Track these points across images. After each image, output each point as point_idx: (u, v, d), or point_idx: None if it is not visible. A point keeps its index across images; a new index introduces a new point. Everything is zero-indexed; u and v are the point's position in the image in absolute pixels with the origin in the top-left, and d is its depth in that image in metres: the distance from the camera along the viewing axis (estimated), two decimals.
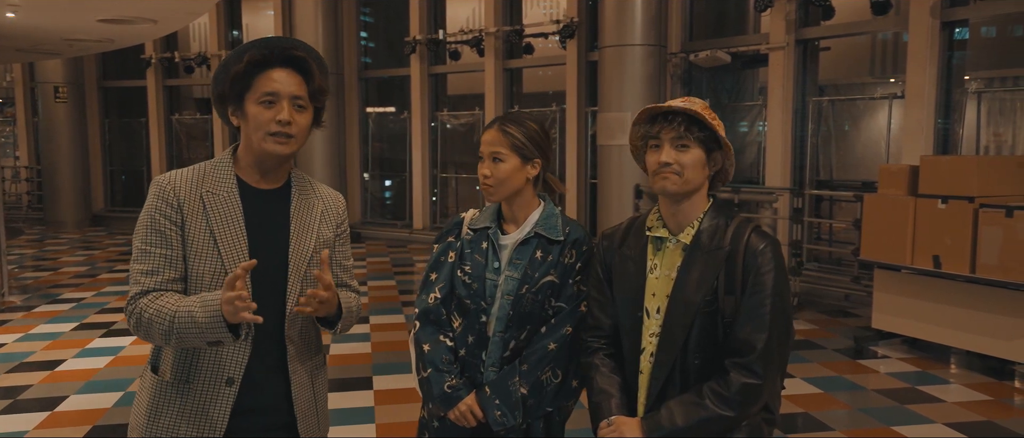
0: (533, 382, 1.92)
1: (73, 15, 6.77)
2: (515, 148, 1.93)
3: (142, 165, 13.05)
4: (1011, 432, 3.90)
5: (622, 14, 7.69)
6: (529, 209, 2.00)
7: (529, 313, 1.94)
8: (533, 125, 1.97)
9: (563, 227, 1.98)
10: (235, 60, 1.68)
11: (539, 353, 1.93)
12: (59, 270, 8.62)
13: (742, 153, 8.48)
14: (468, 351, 1.98)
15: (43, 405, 4.27)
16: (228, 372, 1.68)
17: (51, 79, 12.10)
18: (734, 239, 1.75)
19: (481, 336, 1.97)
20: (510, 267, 1.96)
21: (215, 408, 1.67)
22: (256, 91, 1.67)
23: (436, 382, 1.96)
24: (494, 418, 1.91)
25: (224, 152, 1.78)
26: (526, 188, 1.98)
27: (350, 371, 4.82)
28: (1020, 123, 7.93)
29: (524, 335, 1.96)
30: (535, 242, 1.96)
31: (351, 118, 11.37)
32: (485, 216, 2.04)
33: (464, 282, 1.98)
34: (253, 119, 1.68)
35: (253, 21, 12.34)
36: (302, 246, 1.76)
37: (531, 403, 1.92)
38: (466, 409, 1.94)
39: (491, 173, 1.94)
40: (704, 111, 1.75)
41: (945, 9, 6.32)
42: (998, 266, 4.50)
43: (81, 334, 5.81)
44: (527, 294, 1.93)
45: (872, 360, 5.16)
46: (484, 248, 1.99)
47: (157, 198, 1.68)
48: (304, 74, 1.71)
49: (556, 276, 1.95)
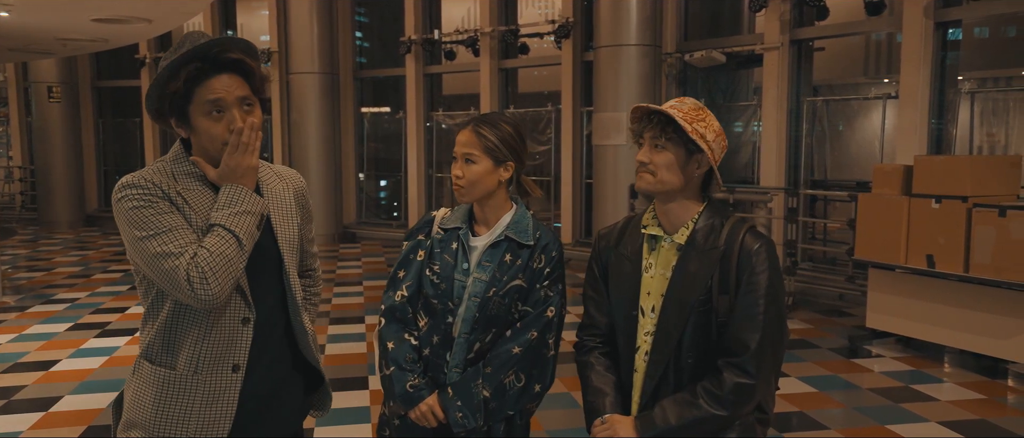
0: (496, 385, 1.91)
1: (67, 14, 6.75)
2: (488, 150, 1.92)
3: (136, 165, 13.00)
4: (1004, 430, 3.92)
5: (617, 14, 7.70)
6: (501, 211, 1.99)
7: (495, 316, 1.93)
8: (508, 127, 1.96)
9: (534, 231, 1.98)
10: (170, 77, 1.62)
11: (503, 356, 1.92)
12: (53, 270, 8.59)
13: (737, 153, 8.50)
14: (432, 351, 1.97)
15: (37, 406, 4.26)
16: (233, 359, 1.67)
17: (45, 79, 12.06)
18: (729, 239, 1.75)
19: (446, 337, 1.96)
20: (479, 269, 1.95)
21: (223, 396, 1.67)
22: (199, 102, 1.62)
23: (398, 380, 1.95)
24: (455, 420, 1.90)
25: (172, 153, 1.72)
26: (498, 190, 1.97)
27: (345, 371, 4.82)
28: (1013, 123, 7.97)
29: (489, 338, 1.95)
30: (505, 245, 1.96)
31: (346, 118, 11.35)
32: (456, 216, 2.03)
33: (432, 281, 1.97)
34: (205, 133, 1.64)
35: (247, 21, 12.32)
36: (289, 232, 1.77)
37: (493, 406, 1.91)
38: (427, 409, 1.93)
39: (463, 174, 1.93)
40: (689, 112, 1.74)
41: (938, 9, 6.35)
42: (991, 265, 4.52)
43: (75, 334, 5.79)
44: (494, 297, 1.92)
45: (866, 359, 5.18)
46: (454, 248, 1.98)
47: (142, 190, 1.62)
48: (243, 74, 1.67)
49: (524, 280, 1.94)
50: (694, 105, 1.77)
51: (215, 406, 1.66)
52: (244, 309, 1.68)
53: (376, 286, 7.71)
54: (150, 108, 1.68)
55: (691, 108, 1.76)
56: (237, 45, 1.66)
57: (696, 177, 1.78)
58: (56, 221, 12.41)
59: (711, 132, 1.75)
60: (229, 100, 1.63)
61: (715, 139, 1.75)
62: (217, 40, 1.64)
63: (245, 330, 1.68)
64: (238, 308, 1.67)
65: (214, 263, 1.55)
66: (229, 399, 1.67)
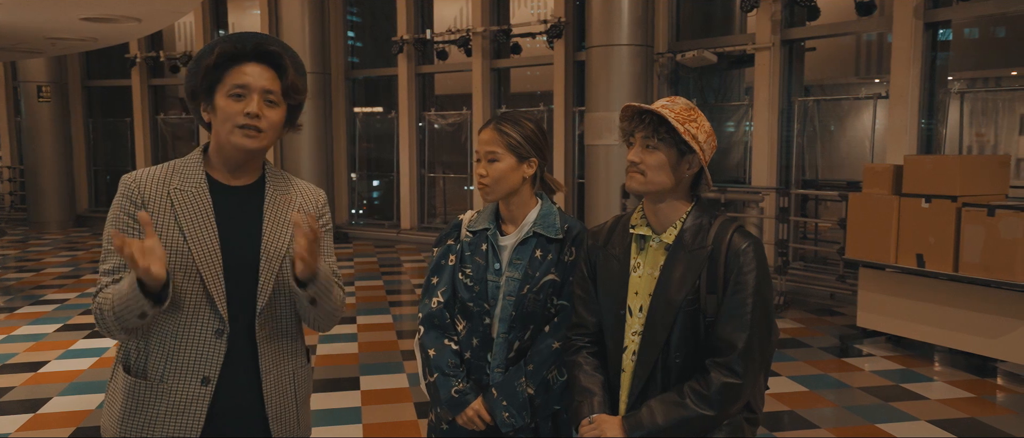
0: (539, 381, 1.93)
1: (56, 13, 6.71)
2: (511, 147, 1.93)
3: (127, 165, 12.94)
4: (993, 429, 3.94)
5: (609, 14, 7.70)
6: (527, 208, 2.00)
7: (532, 313, 1.94)
8: (529, 124, 1.97)
9: (562, 225, 1.98)
10: (206, 54, 1.65)
11: (544, 352, 1.94)
12: (42, 271, 8.54)
13: (728, 153, 8.52)
14: (473, 353, 1.99)
15: (26, 407, 4.23)
16: (203, 371, 1.65)
17: (34, 78, 11.98)
18: (716, 238, 1.75)
19: (485, 338, 1.97)
20: (510, 268, 1.96)
21: (190, 408, 1.64)
22: (227, 84, 1.64)
23: (443, 387, 1.97)
24: (502, 420, 1.92)
25: (195, 150, 1.75)
26: (523, 187, 1.97)
27: (337, 371, 4.81)
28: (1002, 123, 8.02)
29: (528, 335, 1.96)
30: (534, 241, 1.96)
31: (338, 118, 11.33)
32: (483, 217, 2.04)
33: (466, 285, 1.98)
34: (222, 111, 1.64)
35: (239, 20, 12.26)
36: (276, 241, 1.71)
37: (538, 402, 1.93)
38: (474, 414, 1.95)
39: (487, 172, 1.94)
40: (681, 112, 1.73)
41: (928, 10, 6.38)
42: (980, 265, 4.55)
43: (65, 335, 5.76)
44: (529, 294, 1.93)
45: (857, 358, 5.19)
46: (484, 250, 1.99)
47: (121, 197, 1.65)
48: (277, 69, 1.68)
49: (557, 274, 1.95)
50: (686, 105, 1.77)
51: (182, 417, 1.64)
52: (217, 322, 1.65)
53: (369, 286, 7.70)
54: (187, 85, 1.70)
55: (683, 108, 1.75)
56: (280, 44, 1.70)
57: (686, 177, 1.78)
58: (46, 221, 12.33)
59: (703, 133, 1.74)
60: (254, 86, 1.64)
61: (706, 140, 1.75)
62: (261, 34, 1.69)
63: (218, 343, 1.65)
64: (211, 320, 1.64)
65: (100, 310, 1.61)
66: (197, 411, 1.64)
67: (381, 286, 7.75)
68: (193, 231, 1.64)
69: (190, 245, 1.63)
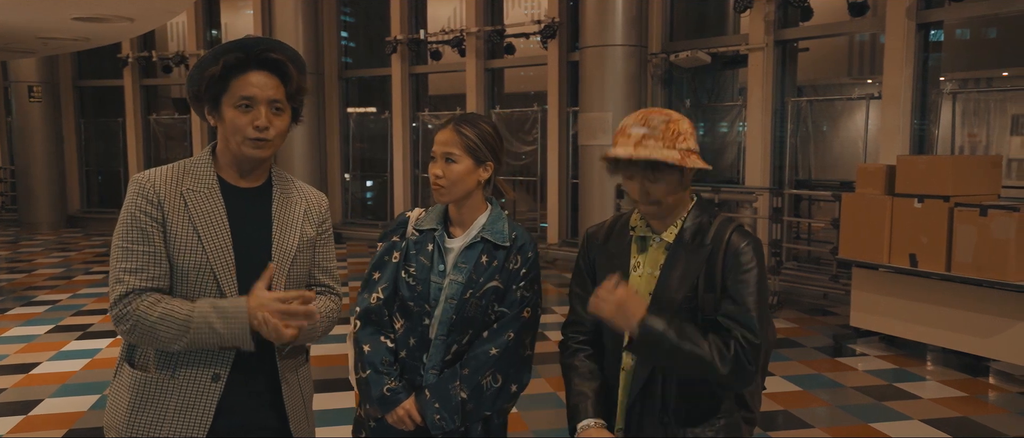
0: (474, 386, 1.90)
1: (47, 13, 6.67)
2: (469, 150, 1.91)
3: (119, 166, 12.89)
4: (985, 427, 3.96)
5: (603, 15, 7.71)
6: (477, 213, 1.98)
7: (472, 317, 1.93)
8: (487, 127, 1.95)
9: (509, 232, 1.97)
10: (211, 62, 1.66)
11: (481, 357, 1.91)
12: (34, 272, 8.49)
13: (722, 153, 8.54)
14: (409, 353, 1.96)
15: (17, 409, 4.20)
16: (214, 368, 1.66)
17: (25, 78, 11.92)
18: (716, 237, 1.74)
19: (423, 339, 1.95)
20: (455, 271, 1.94)
21: (199, 405, 1.65)
22: (233, 94, 1.65)
23: (375, 384, 1.94)
24: (433, 421, 1.90)
25: (203, 151, 1.76)
26: (476, 191, 1.96)
27: (332, 372, 4.79)
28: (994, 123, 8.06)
29: (466, 339, 1.94)
30: (481, 247, 1.95)
31: (332, 118, 11.30)
32: (431, 217, 2.02)
33: (408, 283, 1.96)
34: (230, 123, 1.66)
35: (232, 20, 12.22)
36: (285, 244, 1.75)
37: (471, 407, 1.91)
38: (404, 413, 1.92)
39: (443, 173, 1.91)
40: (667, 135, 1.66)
41: (921, 11, 6.41)
42: (972, 264, 4.57)
43: (56, 337, 5.72)
44: (471, 299, 1.91)
45: (851, 358, 5.21)
46: (429, 250, 1.97)
47: (137, 196, 1.66)
48: (281, 76, 1.70)
49: (500, 281, 1.93)
50: (663, 121, 1.68)
51: (190, 413, 1.65)
52: None
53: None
54: (189, 90, 1.71)
55: (664, 128, 1.67)
56: (283, 49, 1.71)
57: (687, 184, 1.76)
58: (37, 222, 12.27)
59: (689, 138, 1.70)
60: (260, 97, 1.66)
61: (695, 141, 1.71)
62: (264, 39, 1.70)
63: None
64: None
65: (145, 320, 1.60)
66: (205, 407, 1.65)
67: None
68: (207, 231, 1.66)
69: (204, 245, 1.65)
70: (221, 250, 1.66)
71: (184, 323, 1.58)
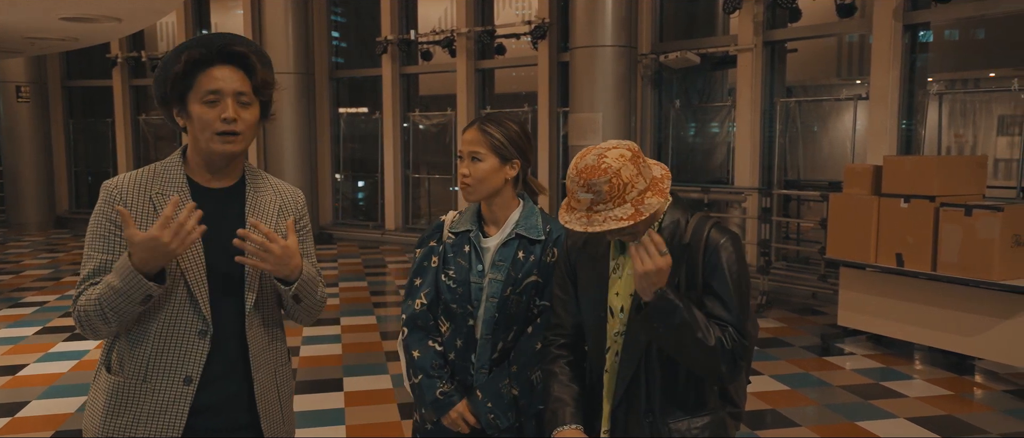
0: (524, 382, 1.94)
1: (35, 12, 6.63)
2: (494, 148, 1.93)
3: (108, 166, 12.82)
4: (971, 426, 3.99)
5: (593, 15, 7.73)
6: (509, 210, 2.00)
7: (515, 314, 1.95)
8: (513, 126, 1.97)
9: (544, 226, 1.99)
10: (174, 61, 1.65)
11: (528, 353, 1.94)
12: (21, 273, 8.44)
13: (711, 154, 8.57)
14: (457, 354, 1.99)
15: (4, 411, 4.18)
16: (186, 371, 1.66)
17: (13, 78, 11.84)
18: (694, 234, 1.75)
19: (469, 339, 1.98)
20: (493, 269, 1.96)
21: (173, 407, 1.66)
22: (198, 90, 1.65)
23: (428, 388, 1.97)
24: (487, 421, 1.93)
25: (173, 153, 1.75)
26: (505, 189, 1.98)
27: (320, 373, 4.79)
28: (980, 124, 8.12)
29: (511, 336, 1.97)
30: (516, 243, 1.97)
31: (322, 119, 11.28)
32: (465, 219, 2.04)
33: (449, 286, 1.99)
34: (198, 119, 1.66)
35: (222, 20, 12.18)
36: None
37: (523, 403, 1.94)
38: (457, 416, 1.96)
39: (470, 172, 1.94)
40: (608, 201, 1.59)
41: (908, 12, 6.45)
42: (958, 264, 4.60)
43: (44, 338, 5.69)
44: (512, 295, 1.94)
45: (838, 357, 5.24)
46: (466, 251, 1.99)
47: (102, 203, 1.67)
48: (246, 69, 1.69)
49: (539, 275, 1.96)
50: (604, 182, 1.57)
51: (164, 416, 1.65)
52: (200, 322, 1.67)
53: (353, 287, 7.67)
54: (157, 93, 1.71)
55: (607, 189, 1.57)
56: (245, 43, 1.70)
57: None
58: (25, 223, 12.19)
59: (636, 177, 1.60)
60: (226, 90, 1.65)
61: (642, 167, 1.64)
62: (225, 34, 1.70)
63: (201, 343, 1.67)
64: (194, 321, 1.66)
65: (82, 313, 1.62)
66: (178, 410, 1.66)
67: (365, 287, 7.72)
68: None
69: None
70: (191, 253, 1.65)
71: (97, 299, 1.58)
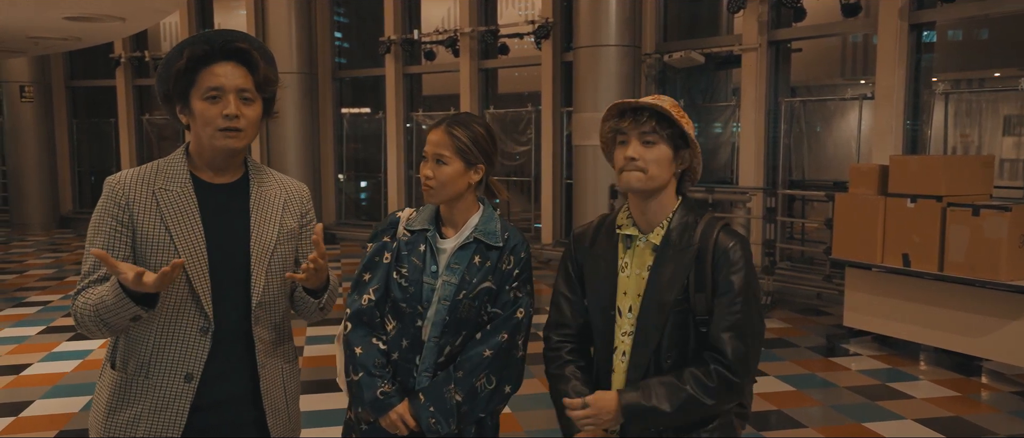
0: (468, 389, 1.88)
1: (38, 12, 6.63)
2: (459, 151, 1.89)
3: (111, 166, 12.81)
4: (978, 427, 3.97)
5: (596, 15, 7.71)
6: (469, 213, 1.97)
7: (465, 319, 1.91)
8: (480, 128, 1.93)
9: (502, 233, 1.95)
10: (176, 57, 1.65)
11: (475, 359, 1.89)
12: (25, 273, 8.44)
13: (716, 153, 8.55)
14: (401, 355, 1.94)
15: (8, 410, 4.18)
16: (186, 368, 1.66)
17: (16, 78, 11.85)
18: (703, 237, 1.74)
19: (415, 341, 1.93)
20: (448, 271, 1.92)
21: (173, 405, 1.65)
22: (200, 87, 1.65)
23: (367, 387, 1.91)
24: (428, 425, 1.88)
25: (177, 150, 1.75)
26: (467, 192, 1.94)
27: (323, 373, 4.78)
28: (986, 124, 8.09)
29: (460, 341, 1.92)
30: (474, 247, 1.93)
31: (325, 119, 11.27)
32: (423, 218, 1.99)
33: (400, 285, 1.93)
34: (201, 116, 1.65)
35: (225, 20, 12.18)
36: (264, 237, 1.73)
37: (465, 409, 1.89)
38: (397, 418, 1.89)
39: (433, 175, 1.90)
40: (672, 109, 1.74)
41: (913, 12, 6.43)
42: (965, 264, 4.58)
43: (47, 338, 5.69)
44: (464, 299, 1.90)
45: (844, 357, 5.22)
46: (422, 251, 1.95)
47: (105, 198, 1.67)
48: (248, 66, 1.68)
49: (493, 282, 1.92)
50: (673, 102, 1.76)
51: (165, 413, 1.65)
52: (202, 320, 1.66)
53: None
54: (159, 90, 1.71)
55: (673, 104, 1.75)
56: (248, 40, 1.70)
57: (677, 173, 1.78)
58: (29, 223, 12.20)
59: (692, 128, 1.75)
60: (228, 87, 1.65)
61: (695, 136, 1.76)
62: (228, 31, 1.69)
63: (203, 340, 1.66)
64: (196, 318, 1.66)
65: (78, 314, 1.62)
66: (179, 408, 1.65)
67: None
68: (179, 230, 1.65)
69: (176, 244, 1.64)
70: (193, 249, 1.65)
71: (94, 306, 1.58)
